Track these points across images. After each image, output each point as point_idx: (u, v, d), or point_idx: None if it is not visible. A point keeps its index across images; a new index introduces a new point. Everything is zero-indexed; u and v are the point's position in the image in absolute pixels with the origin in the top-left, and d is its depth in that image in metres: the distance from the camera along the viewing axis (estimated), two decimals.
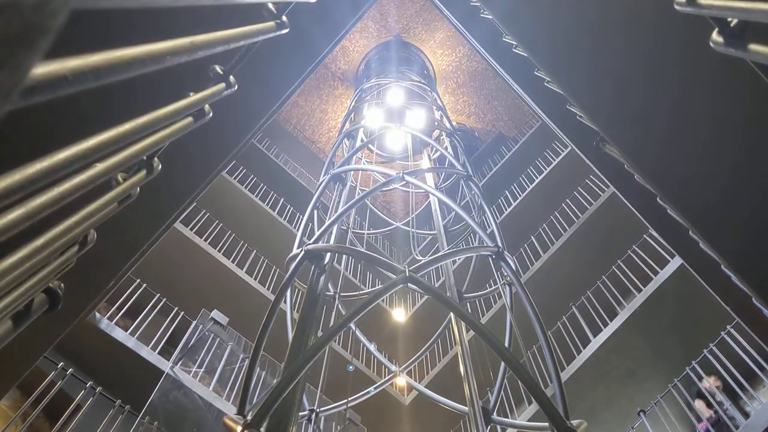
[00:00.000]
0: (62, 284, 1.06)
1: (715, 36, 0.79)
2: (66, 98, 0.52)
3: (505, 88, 14.90)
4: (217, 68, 1.09)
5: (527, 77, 3.36)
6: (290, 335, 3.77)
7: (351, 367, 10.00)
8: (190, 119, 1.01)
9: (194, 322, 10.50)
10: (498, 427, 10.31)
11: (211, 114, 1.08)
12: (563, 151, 13.73)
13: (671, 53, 2.09)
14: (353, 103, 9.33)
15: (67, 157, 0.61)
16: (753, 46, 0.72)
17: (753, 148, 2.03)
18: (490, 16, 3.37)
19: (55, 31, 0.41)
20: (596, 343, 10.16)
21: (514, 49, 3.50)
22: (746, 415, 8.16)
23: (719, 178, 2.12)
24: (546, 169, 14.39)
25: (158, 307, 10.21)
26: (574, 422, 2.49)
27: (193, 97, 0.98)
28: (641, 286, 10.14)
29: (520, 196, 14.81)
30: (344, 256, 7.34)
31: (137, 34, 1.68)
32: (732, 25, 0.76)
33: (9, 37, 0.36)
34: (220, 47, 0.88)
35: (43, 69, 0.47)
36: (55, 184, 0.65)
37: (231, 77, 1.11)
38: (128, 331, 9.23)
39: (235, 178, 13.67)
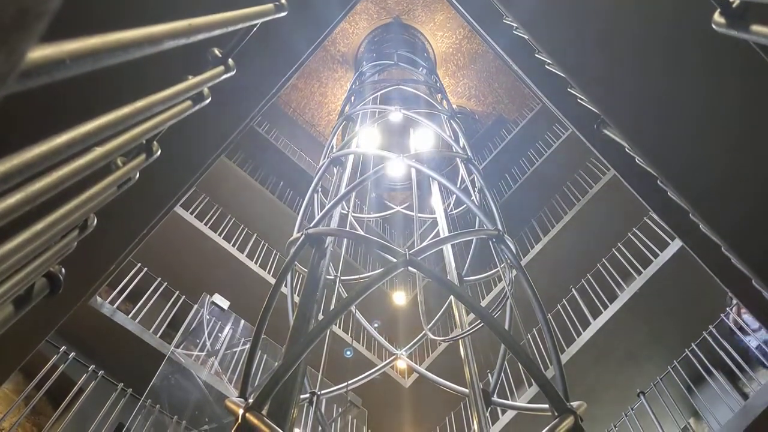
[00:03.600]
0: (63, 268, 1.07)
1: (717, 17, 0.78)
2: (64, 82, 0.52)
3: (505, 71, 14.81)
4: (216, 51, 1.09)
5: (527, 59, 3.34)
6: (291, 319, 3.78)
7: (349, 353, 10.00)
8: (189, 102, 1.00)
9: (195, 306, 10.55)
10: (498, 409, 10.41)
11: (210, 97, 1.08)
12: (564, 134, 13.69)
13: (673, 34, 2.07)
14: (353, 86, 9.28)
15: (66, 141, 0.60)
16: (755, 27, 0.72)
17: (754, 130, 2.02)
18: None
19: (52, 14, 0.41)
20: (596, 325, 10.20)
21: (514, 31, 3.48)
22: (745, 396, 8.22)
23: (720, 160, 2.11)
24: (547, 152, 14.35)
25: (159, 291, 10.25)
26: (574, 404, 2.49)
27: (192, 80, 0.97)
28: (641, 269, 10.16)
29: (520, 179, 14.79)
30: (345, 239, 7.34)
31: (135, 17, 1.67)
32: (734, 5, 0.76)
33: (4, 20, 0.36)
34: (219, 30, 0.88)
35: (40, 53, 0.46)
36: (55, 169, 0.65)
37: (230, 60, 1.10)
38: (130, 315, 9.27)
39: (234, 162, 13.64)
